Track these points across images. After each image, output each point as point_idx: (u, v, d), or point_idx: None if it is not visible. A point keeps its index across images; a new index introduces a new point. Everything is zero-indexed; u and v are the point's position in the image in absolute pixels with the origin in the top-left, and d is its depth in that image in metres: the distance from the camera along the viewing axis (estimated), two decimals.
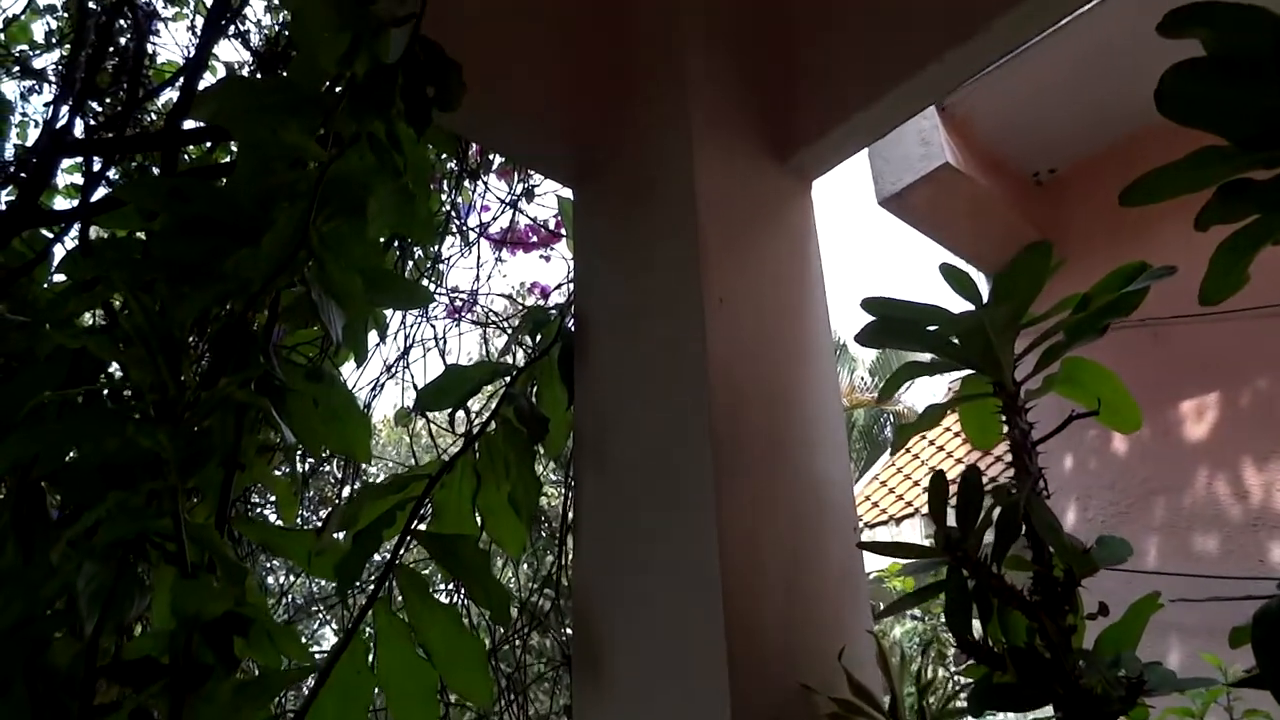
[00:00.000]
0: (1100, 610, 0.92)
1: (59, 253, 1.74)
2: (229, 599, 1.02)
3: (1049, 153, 3.76)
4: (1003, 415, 1.04)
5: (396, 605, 1.23)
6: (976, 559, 0.94)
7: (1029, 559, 0.95)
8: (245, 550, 2.28)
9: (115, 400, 1.30)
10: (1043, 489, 0.98)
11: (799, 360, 1.46)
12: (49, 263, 1.68)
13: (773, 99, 1.65)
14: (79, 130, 2.15)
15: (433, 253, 2.76)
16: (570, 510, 1.54)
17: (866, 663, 1.18)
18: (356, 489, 3.01)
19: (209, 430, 1.12)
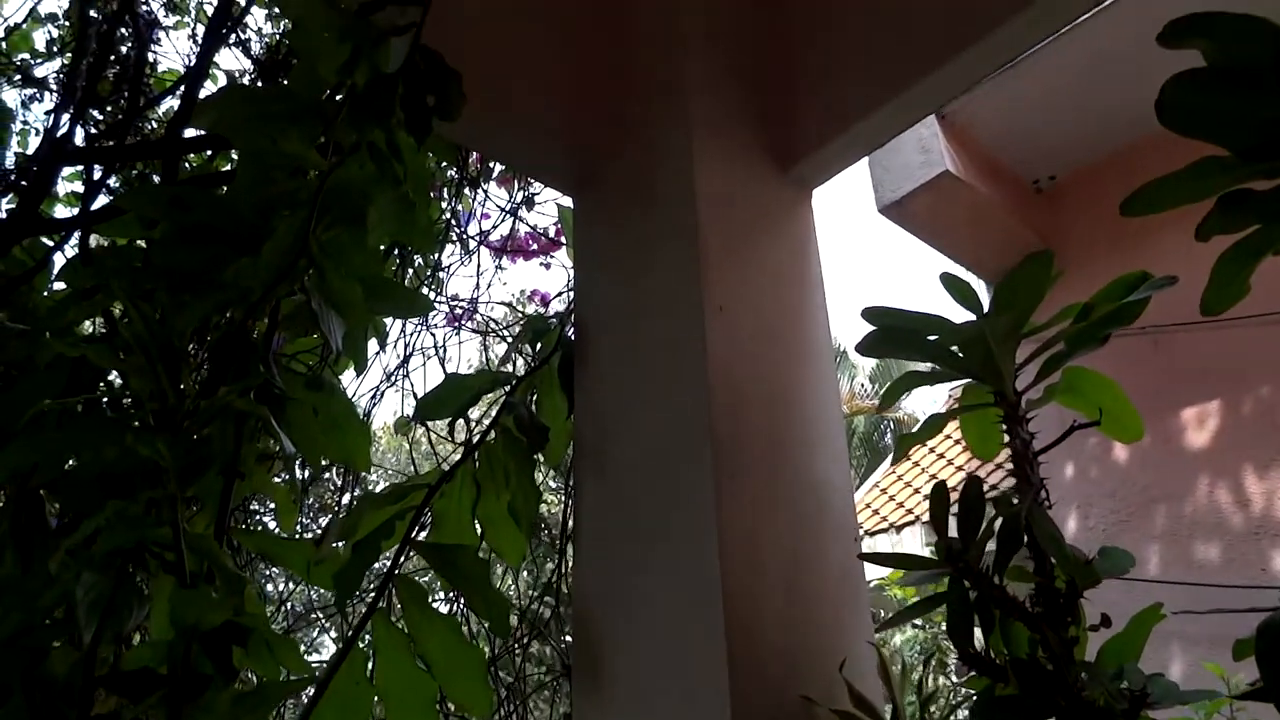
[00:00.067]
0: (1103, 622, 0.92)
1: (59, 261, 1.74)
2: (228, 609, 1.02)
3: (1049, 160, 3.76)
4: (1004, 425, 1.04)
5: (396, 615, 1.22)
6: (978, 570, 0.93)
7: (1031, 570, 0.94)
8: (244, 559, 2.27)
9: (115, 409, 1.30)
10: (1044, 499, 0.98)
11: (799, 366, 1.46)
12: (49, 271, 1.68)
13: (773, 108, 1.65)
14: (80, 138, 2.15)
15: (433, 261, 2.76)
16: (570, 517, 1.54)
17: (867, 673, 1.18)
18: (356, 497, 3.00)
19: (208, 439, 1.12)
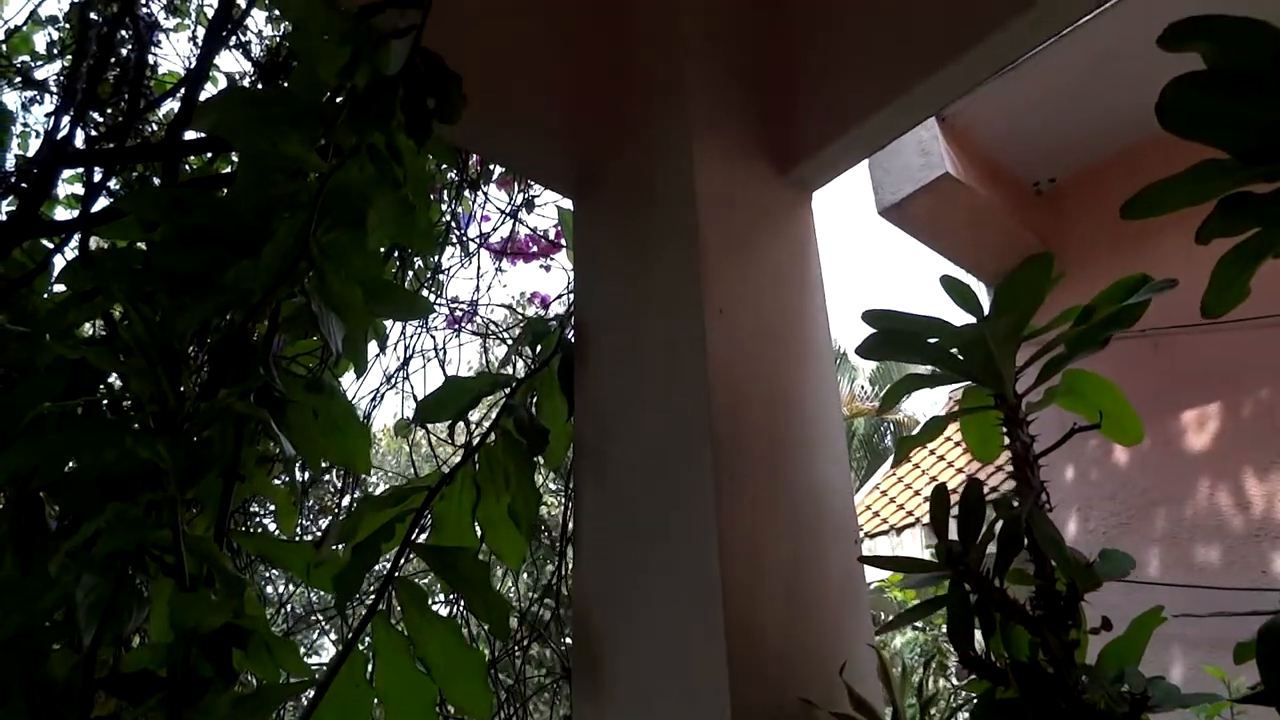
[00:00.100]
0: (1103, 625, 0.92)
1: (59, 263, 1.74)
2: (227, 611, 1.01)
3: (1049, 162, 3.76)
4: (1004, 428, 1.04)
5: (396, 617, 1.22)
6: (979, 573, 0.93)
7: (1031, 573, 0.94)
8: (244, 561, 2.27)
9: (115, 411, 1.30)
10: (1045, 502, 0.98)
11: (799, 369, 1.46)
12: (49, 273, 1.68)
13: (773, 111, 1.65)
14: (80, 141, 2.15)
15: (433, 263, 2.76)
16: (570, 519, 1.54)
17: (867, 675, 1.18)
18: (356, 499, 3.00)
19: (208, 441, 1.12)
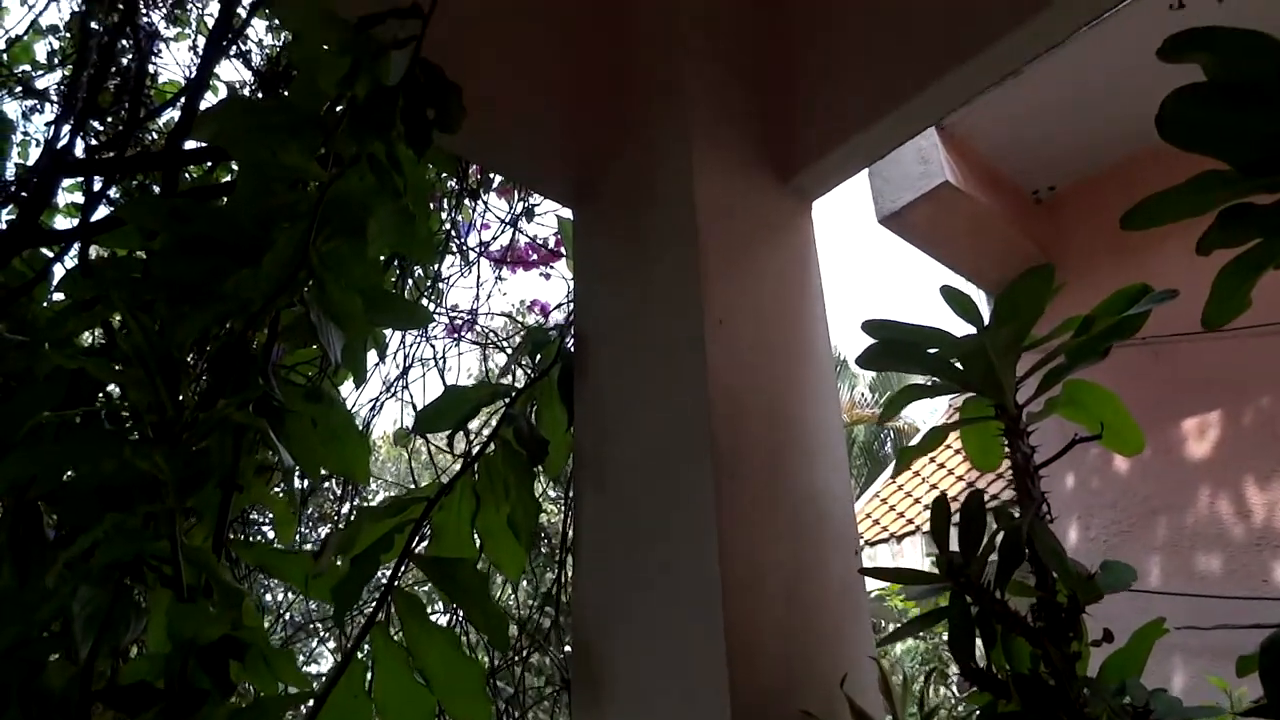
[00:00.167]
0: (1105, 637, 0.91)
1: (59, 272, 1.74)
2: (225, 623, 1.01)
3: (1049, 170, 3.77)
4: (1005, 438, 1.03)
5: (395, 628, 1.22)
6: (980, 585, 0.93)
7: (1032, 584, 0.94)
8: (243, 569, 2.26)
9: (113, 421, 1.29)
10: (1046, 513, 0.97)
11: (799, 378, 1.45)
12: (49, 282, 1.68)
13: (773, 120, 1.65)
14: (80, 150, 2.16)
15: (432, 271, 2.76)
16: (570, 528, 1.53)
17: (868, 686, 1.17)
18: (355, 508, 3.00)
19: (207, 451, 1.12)
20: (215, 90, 2.92)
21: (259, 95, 2.56)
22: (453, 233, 2.75)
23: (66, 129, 2.10)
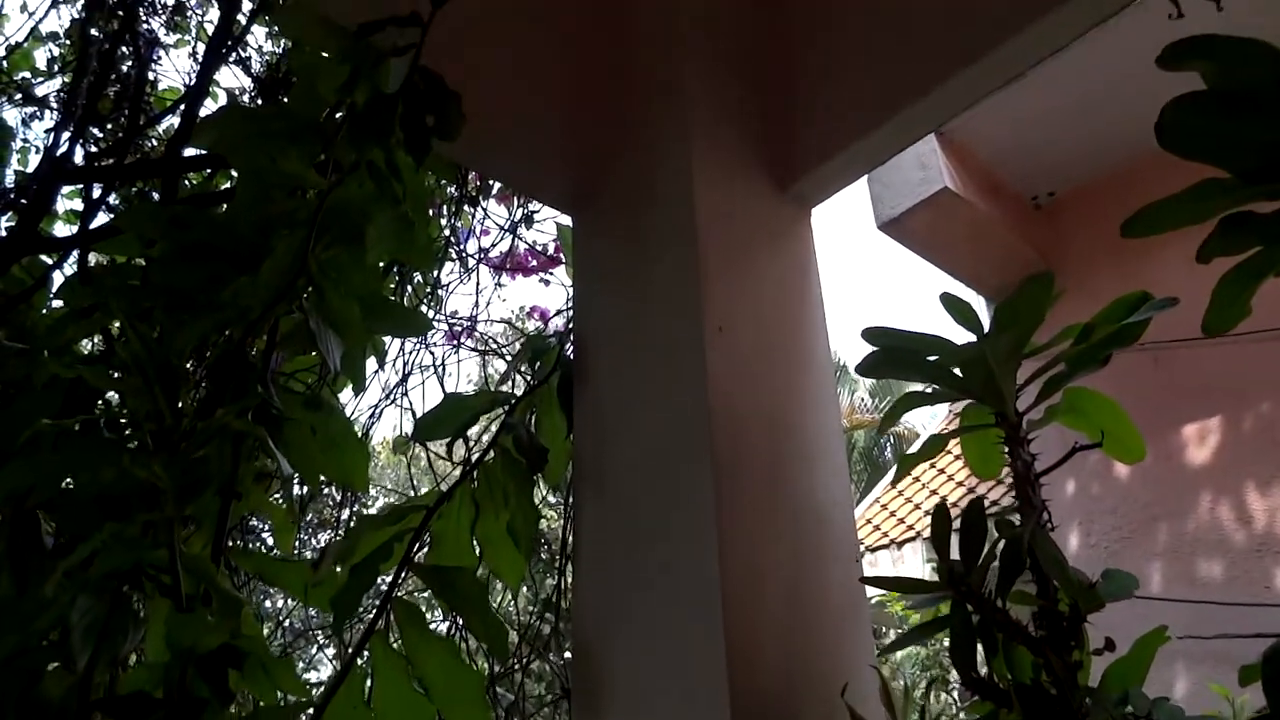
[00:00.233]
0: (1107, 645, 0.91)
1: (58, 279, 1.74)
2: (224, 632, 1.01)
3: (1048, 176, 3.77)
4: (1005, 446, 1.03)
5: (395, 636, 1.21)
6: (981, 594, 0.93)
7: (1034, 593, 0.94)
8: (242, 576, 2.26)
9: (112, 429, 1.29)
10: (1047, 521, 0.97)
11: (799, 385, 1.45)
12: (48, 289, 1.68)
13: (773, 127, 1.65)
14: (79, 157, 2.16)
15: (432, 278, 2.76)
16: (570, 535, 1.53)
17: (869, 695, 1.17)
18: (355, 514, 2.99)
19: (205, 459, 1.11)
20: (215, 97, 2.93)
21: (258, 102, 2.56)
22: (452, 239, 2.75)
23: (66, 136, 2.10)
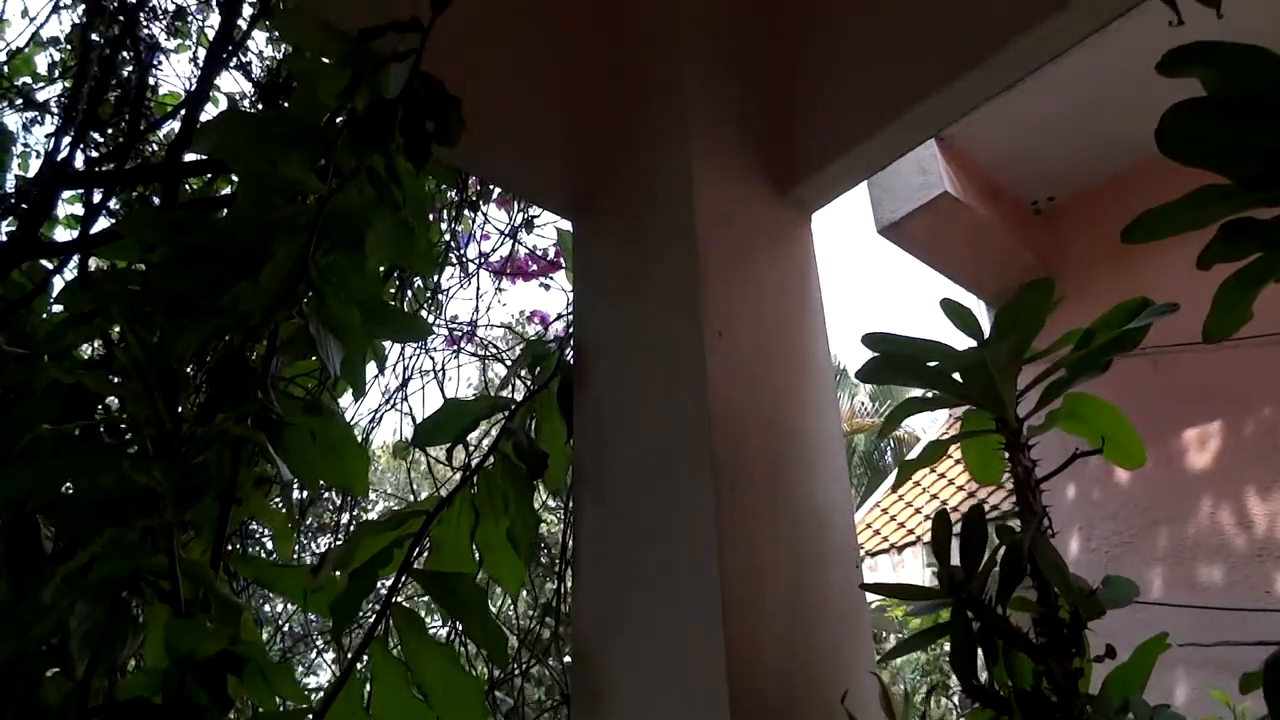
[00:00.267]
0: (1107, 653, 0.91)
1: (58, 284, 1.74)
2: (223, 638, 1.01)
3: (1048, 181, 3.77)
4: (1005, 452, 1.03)
5: (395, 641, 1.21)
6: (981, 601, 0.93)
7: (1034, 599, 0.93)
8: (241, 582, 2.26)
9: (112, 434, 1.29)
10: (1047, 528, 0.97)
11: (799, 390, 1.45)
12: (48, 294, 1.68)
13: (773, 132, 1.65)
14: (80, 162, 2.16)
15: (432, 283, 2.76)
16: (570, 540, 1.53)
17: (869, 702, 1.16)
18: (354, 521, 2.99)
19: (205, 465, 1.11)
20: (215, 102, 2.93)
21: (259, 107, 2.56)
22: (452, 244, 2.75)
23: (67, 141, 2.10)
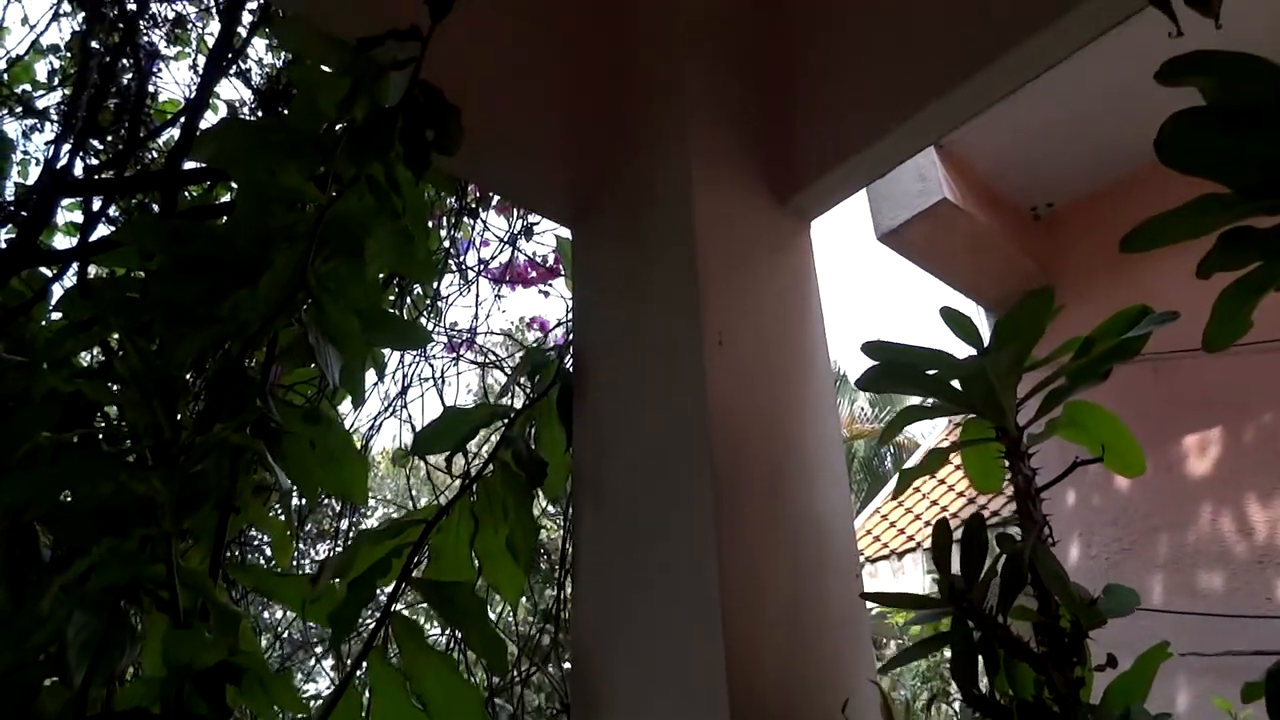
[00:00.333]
0: (1109, 662, 0.90)
1: (57, 291, 1.74)
2: (222, 648, 1.00)
3: (1047, 188, 3.77)
4: (1005, 461, 1.03)
5: (394, 651, 1.21)
6: (982, 610, 0.92)
7: (1034, 608, 0.93)
8: (240, 590, 2.25)
9: (111, 442, 1.29)
10: (1048, 535, 0.97)
11: (799, 398, 1.45)
12: (47, 302, 1.68)
13: (773, 133, 1.65)
14: (79, 169, 2.16)
15: (431, 290, 2.76)
16: (570, 548, 1.53)
17: (870, 711, 1.16)
18: (353, 530, 2.99)
19: (204, 473, 1.11)
20: (215, 109, 2.93)
21: (259, 114, 2.57)
22: (452, 251, 2.75)
23: (66, 148, 2.11)
